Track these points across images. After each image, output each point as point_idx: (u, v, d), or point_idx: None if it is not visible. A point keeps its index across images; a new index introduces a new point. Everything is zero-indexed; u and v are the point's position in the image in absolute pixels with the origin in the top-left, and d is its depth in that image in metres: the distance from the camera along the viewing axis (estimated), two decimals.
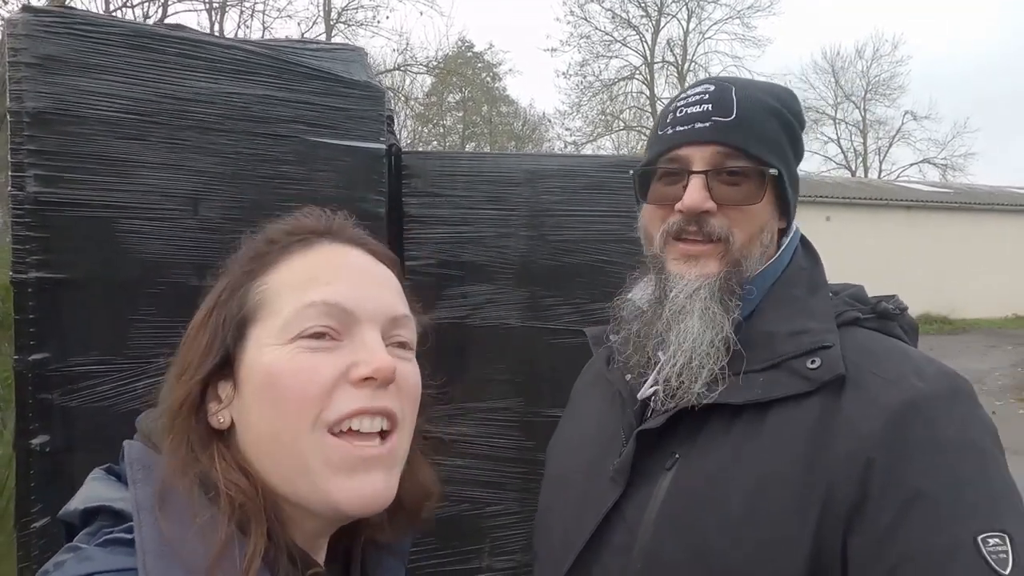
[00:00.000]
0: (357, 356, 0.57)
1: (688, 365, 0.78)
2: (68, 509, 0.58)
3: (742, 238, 0.81)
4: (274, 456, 0.57)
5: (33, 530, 1.36)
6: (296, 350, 0.57)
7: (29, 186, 1.34)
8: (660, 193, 0.86)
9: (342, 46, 1.84)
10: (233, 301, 0.61)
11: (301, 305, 0.58)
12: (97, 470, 0.61)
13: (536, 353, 2.10)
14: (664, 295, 0.83)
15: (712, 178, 0.81)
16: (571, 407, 1.05)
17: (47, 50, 1.34)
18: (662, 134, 0.85)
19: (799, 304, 0.81)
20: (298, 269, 0.61)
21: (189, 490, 0.54)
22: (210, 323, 0.61)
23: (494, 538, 2.13)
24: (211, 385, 0.60)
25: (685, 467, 0.76)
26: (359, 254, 0.64)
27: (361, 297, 0.60)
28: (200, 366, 0.59)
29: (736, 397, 0.75)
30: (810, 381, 0.73)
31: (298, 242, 0.63)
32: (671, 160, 0.84)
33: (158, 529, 0.52)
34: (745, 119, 0.81)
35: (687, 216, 0.81)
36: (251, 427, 0.58)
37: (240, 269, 0.64)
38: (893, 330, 0.80)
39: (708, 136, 0.81)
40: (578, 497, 0.85)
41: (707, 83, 0.85)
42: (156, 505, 0.53)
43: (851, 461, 0.68)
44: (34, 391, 1.36)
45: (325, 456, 0.55)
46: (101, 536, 0.54)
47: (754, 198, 0.81)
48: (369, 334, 0.59)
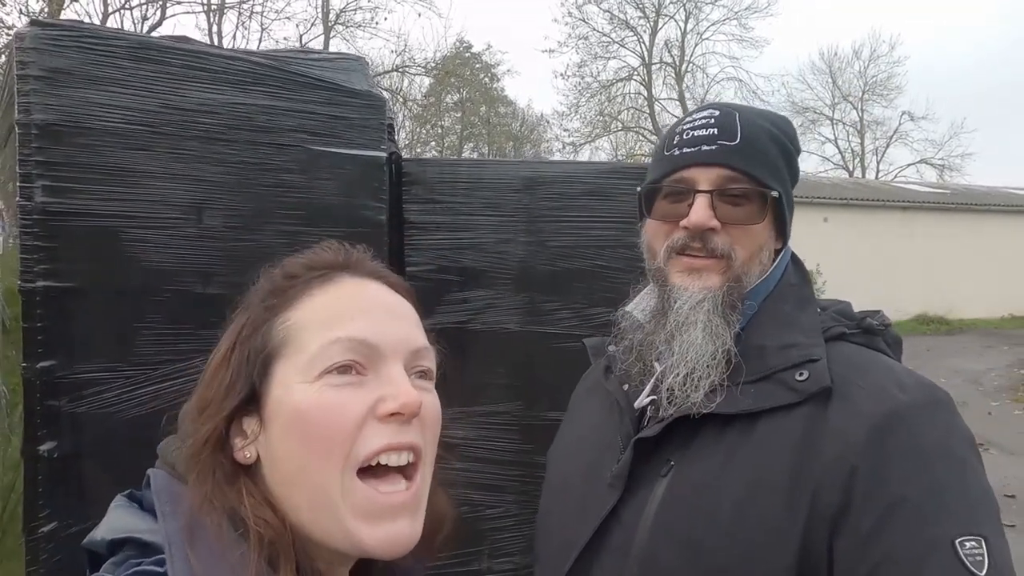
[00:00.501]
0: (383, 391, 0.58)
1: (690, 376, 0.81)
2: (94, 539, 0.58)
3: (743, 255, 0.85)
4: (302, 494, 0.57)
5: (41, 534, 1.38)
6: (324, 387, 0.57)
7: (37, 197, 1.37)
8: (665, 210, 0.90)
9: (343, 55, 1.87)
10: (256, 337, 0.61)
11: (327, 341, 0.58)
12: (120, 497, 0.61)
13: (535, 357, 2.12)
14: (667, 306, 0.86)
15: (717, 198, 0.85)
16: (570, 414, 1.09)
17: (55, 63, 1.37)
18: (668, 155, 0.90)
19: (788, 319, 0.85)
20: (321, 305, 0.62)
21: (218, 525, 0.54)
22: (233, 359, 0.61)
23: (493, 541, 2.16)
24: (235, 420, 0.60)
25: (679, 473, 0.79)
26: (378, 288, 0.65)
27: (384, 331, 0.61)
28: (224, 402, 0.60)
29: (729, 407, 0.79)
30: (798, 392, 0.76)
31: (318, 277, 0.64)
32: (677, 180, 0.88)
33: (189, 565, 0.51)
34: (748, 144, 0.86)
35: (692, 233, 0.85)
36: (278, 464, 0.58)
37: (261, 305, 0.64)
38: (878, 344, 0.84)
39: (714, 158, 0.85)
40: (578, 501, 0.89)
41: (712, 108, 0.90)
42: (186, 540, 0.53)
43: (836, 468, 0.72)
44: (42, 398, 1.39)
45: (353, 502, 0.56)
46: (129, 568, 0.53)
47: (756, 218, 0.86)
48: (394, 368, 0.60)
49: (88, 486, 1.43)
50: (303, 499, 0.57)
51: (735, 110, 0.89)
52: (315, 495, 0.56)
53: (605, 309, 2.26)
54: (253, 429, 0.60)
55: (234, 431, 0.60)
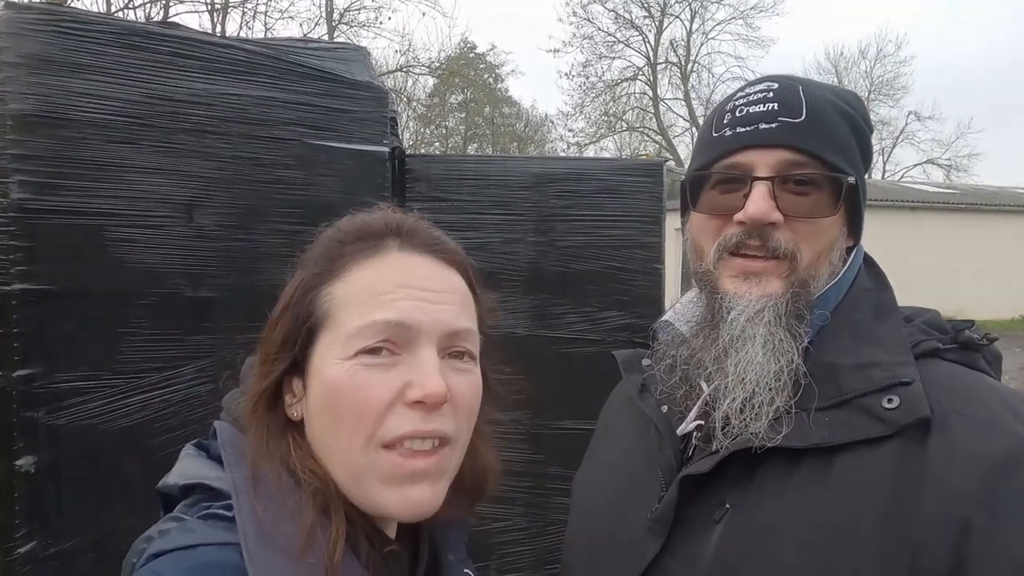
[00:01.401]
0: (411, 375, 0.59)
1: (750, 401, 0.68)
2: (167, 482, 0.62)
3: (810, 255, 0.72)
4: (333, 458, 0.60)
5: (17, 556, 1.29)
6: (356, 366, 0.59)
7: (13, 192, 1.27)
8: (716, 202, 0.75)
9: (344, 45, 1.78)
10: (304, 304, 0.62)
11: (363, 323, 0.59)
12: (189, 446, 0.65)
13: (545, 363, 2.03)
14: (719, 318, 0.73)
15: (779, 186, 0.71)
16: (597, 438, 0.94)
17: (32, 49, 1.28)
18: (719, 135, 0.75)
19: (866, 332, 0.71)
20: (362, 282, 0.62)
21: (277, 475, 0.58)
22: (285, 320, 0.63)
23: (501, 554, 2.06)
24: (287, 379, 0.63)
25: (738, 519, 0.67)
26: (426, 262, 0.64)
27: (421, 312, 0.60)
28: (275, 363, 0.62)
29: (797, 440, 0.66)
30: (887, 424, 0.63)
31: (366, 249, 0.63)
32: (731, 165, 0.74)
33: (254, 511, 0.56)
34: (816, 121, 0.72)
35: (749, 228, 0.71)
36: (315, 429, 0.61)
37: (312, 269, 0.64)
38: (977, 363, 0.70)
39: (776, 139, 0.71)
40: (608, 548, 0.76)
41: (770, 80, 0.76)
42: (250, 488, 0.57)
43: (942, 522, 0.59)
44: (18, 409, 1.30)
45: (378, 470, 0.58)
46: (201, 510, 0.58)
47: (828, 210, 0.72)
48: (425, 351, 0.60)
49: (69, 503, 1.33)
50: (334, 463, 0.60)
51: (797, 82, 0.75)
52: (343, 464, 0.59)
53: (618, 312, 2.20)
54: (299, 391, 0.62)
55: (286, 388, 0.63)
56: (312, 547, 0.55)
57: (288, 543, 0.55)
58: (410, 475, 0.58)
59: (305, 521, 0.56)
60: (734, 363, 0.70)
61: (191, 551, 0.54)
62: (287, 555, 0.54)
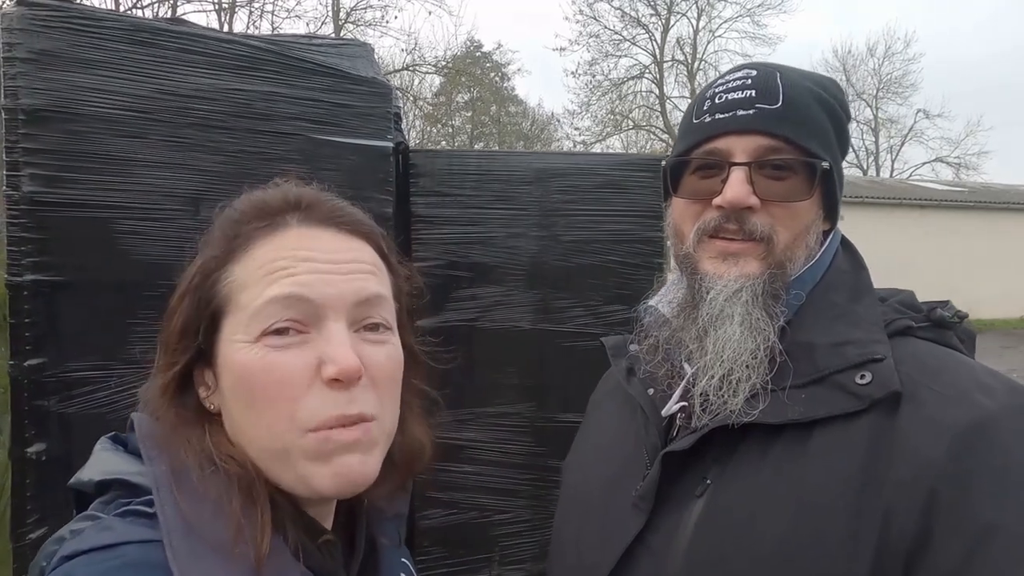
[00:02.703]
0: (322, 352, 0.56)
1: (727, 378, 0.70)
2: (81, 479, 0.59)
3: (786, 238, 0.74)
4: (256, 448, 0.58)
5: (29, 541, 1.32)
6: (264, 349, 0.56)
7: (25, 186, 1.30)
8: (695, 187, 0.78)
9: (348, 41, 1.79)
10: (204, 289, 0.59)
11: (263, 301, 0.57)
12: (104, 439, 0.61)
13: (547, 357, 2.04)
14: (698, 298, 0.75)
15: (756, 171, 0.73)
16: (587, 423, 0.97)
17: (43, 45, 1.30)
18: (698, 122, 0.77)
19: (842, 311, 0.73)
20: (261, 259, 0.59)
21: (199, 467, 0.55)
22: (183, 308, 0.60)
23: (504, 547, 2.08)
24: (197, 370, 0.60)
25: (717, 493, 0.69)
26: (328, 234, 0.61)
27: (324, 285, 0.58)
28: (176, 355, 0.59)
29: (775, 416, 0.68)
30: (860, 399, 0.65)
31: (264, 227, 0.60)
32: (709, 151, 0.76)
33: (177, 506, 0.53)
34: (793, 107, 0.74)
35: (727, 212, 0.74)
36: (233, 420, 0.58)
37: (210, 252, 0.61)
38: (950, 340, 0.72)
39: (752, 125, 0.73)
40: (597, 524, 0.78)
41: (749, 67, 0.77)
42: (171, 482, 0.54)
43: (911, 490, 0.61)
44: (30, 397, 1.32)
45: (303, 449, 0.56)
46: (119, 507, 0.54)
47: (803, 194, 0.74)
48: (334, 326, 0.57)
49: None
50: (256, 450, 0.57)
51: (775, 69, 0.76)
52: (266, 447, 0.57)
53: (620, 307, 2.21)
54: (211, 382, 0.60)
55: (198, 381, 0.60)
56: (241, 538, 0.52)
57: (215, 536, 0.52)
58: (339, 447, 0.56)
59: (232, 511, 0.53)
60: (712, 341, 0.72)
61: (110, 551, 0.50)
62: (215, 549, 0.52)
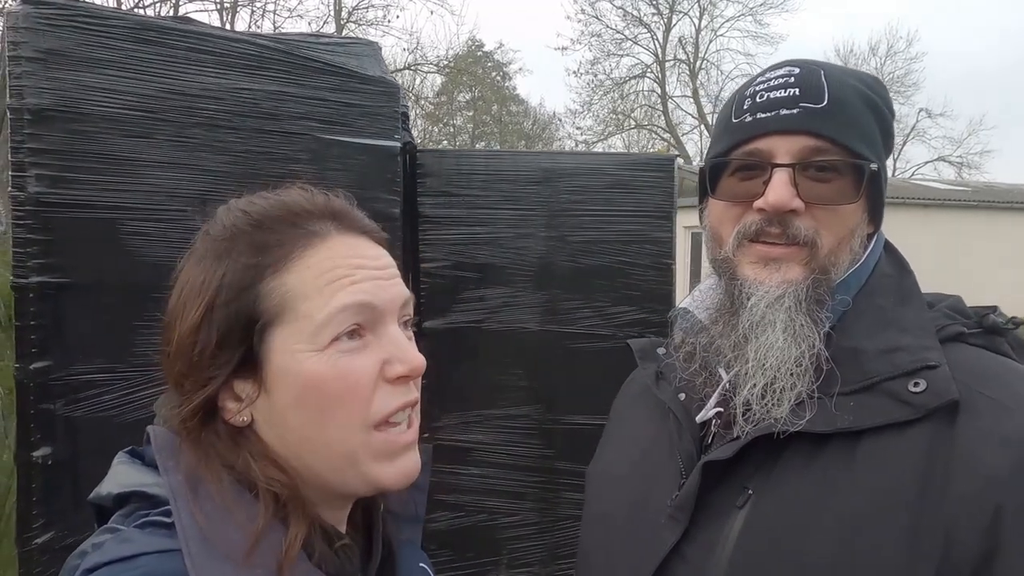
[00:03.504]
0: (387, 353, 0.60)
1: (771, 386, 0.68)
2: (100, 493, 0.59)
3: (831, 242, 0.71)
4: (317, 452, 0.59)
5: (35, 546, 1.30)
6: (336, 355, 0.58)
7: (30, 186, 1.29)
8: (735, 189, 0.75)
9: (355, 40, 1.78)
10: (243, 301, 0.58)
11: (334, 309, 0.58)
12: (122, 454, 0.62)
13: (555, 358, 2.02)
14: (738, 304, 0.72)
15: (800, 173, 0.71)
16: (612, 428, 0.94)
17: (49, 44, 1.29)
18: (739, 121, 0.74)
19: (890, 317, 0.70)
20: (317, 270, 0.60)
21: (217, 479, 0.56)
22: (215, 323, 0.58)
23: (511, 550, 2.06)
24: (225, 385, 0.59)
25: (761, 505, 0.66)
26: (366, 243, 0.64)
27: (381, 291, 0.61)
28: (213, 371, 0.58)
29: (821, 425, 0.66)
30: (914, 407, 0.63)
31: (305, 235, 0.61)
32: (751, 152, 0.73)
33: (194, 516, 0.54)
34: (838, 107, 0.71)
35: (769, 216, 0.71)
36: (289, 429, 0.59)
37: (241, 262, 0.59)
38: (1001, 347, 0.70)
39: (796, 124, 0.71)
40: (628, 535, 0.75)
41: (791, 64, 0.75)
42: (188, 492, 0.55)
43: (974, 507, 0.58)
44: (36, 401, 1.31)
45: (373, 451, 0.59)
46: (138, 518, 0.55)
47: (849, 197, 0.71)
48: (392, 328, 0.61)
49: (85, 495, 1.34)
50: (318, 457, 0.59)
51: (819, 67, 0.74)
52: (336, 453, 0.59)
53: (628, 308, 2.19)
54: (248, 393, 0.59)
55: (224, 395, 0.59)
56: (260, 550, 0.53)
57: (232, 547, 0.53)
58: (402, 449, 0.61)
59: (256, 526, 0.54)
60: (754, 349, 0.70)
61: (129, 562, 0.51)
62: (232, 560, 0.52)
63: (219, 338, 0.57)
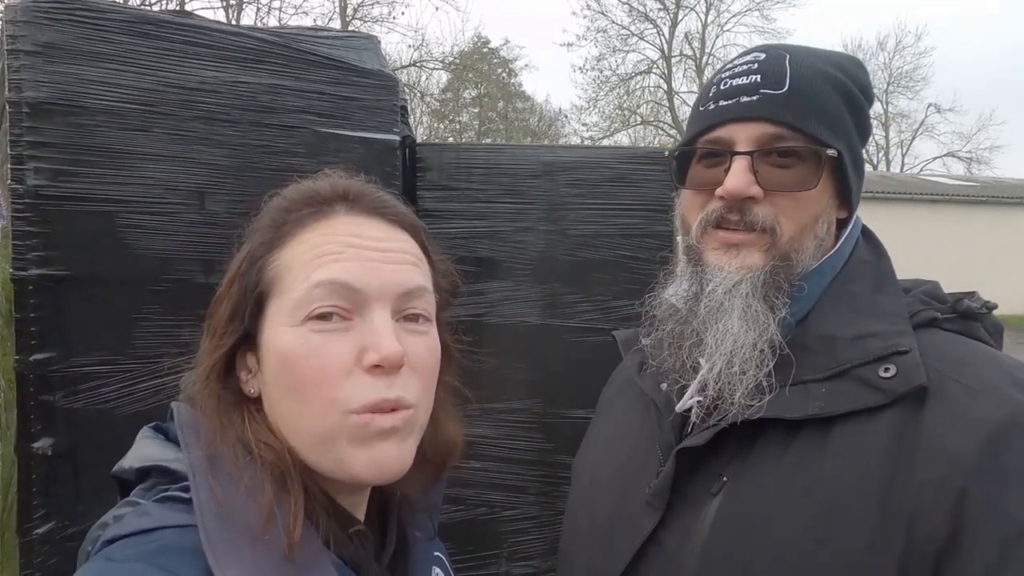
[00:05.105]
0: (365, 339, 0.57)
1: (727, 371, 0.68)
2: (123, 466, 0.60)
3: (791, 229, 0.71)
4: (299, 431, 0.58)
5: (35, 536, 1.31)
6: (308, 332, 0.57)
7: (29, 179, 1.29)
8: (699, 177, 0.75)
9: (354, 34, 1.78)
10: (251, 274, 0.61)
11: (309, 285, 0.57)
12: (146, 428, 0.63)
13: (555, 352, 2.02)
14: (700, 289, 0.73)
15: (758, 160, 0.70)
16: (598, 419, 0.94)
17: (47, 37, 1.29)
18: (703, 110, 0.75)
19: (862, 303, 0.70)
20: (309, 245, 0.60)
21: (233, 453, 0.56)
22: (232, 293, 0.61)
23: (512, 543, 2.07)
24: (239, 354, 0.61)
25: (735, 492, 0.66)
26: (375, 224, 0.62)
27: (370, 273, 0.58)
28: (223, 338, 0.60)
29: (793, 411, 0.65)
30: (884, 393, 0.63)
31: (312, 213, 0.61)
32: (712, 140, 0.73)
33: (211, 491, 0.54)
34: (799, 91, 0.70)
35: (728, 203, 0.71)
36: (273, 404, 0.60)
37: (259, 239, 0.62)
38: (976, 332, 0.69)
39: (755, 111, 0.70)
40: (609, 522, 0.76)
41: (758, 51, 0.74)
42: (207, 468, 0.56)
43: (939, 490, 0.58)
44: (36, 393, 1.32)
45: (346, 431, 0.57)
46: (157, 493, 0.56)
47: (807, 183, 0.70)
48: (378, 314, 0.58)
49: (85, 486, 1.36)
50: (301, 436, 0.58)
51: (785, 51, 0.73)
52: (311, 433, 0.58)
53: (628, 302, 2.19)
54: (253, 366, 0.61)
55: (239, 365, 0.61)
56: (272, 525, 0.53)
57: (248, 522, 0.53)
58: (378, 432, 0.57)
59: (265, 498, 0.54)
60: (713, 334, 0.70)
61: (147, 535, 0.52)
62: (247, 535, 0.53)
63: (232, 307, 0.60)
